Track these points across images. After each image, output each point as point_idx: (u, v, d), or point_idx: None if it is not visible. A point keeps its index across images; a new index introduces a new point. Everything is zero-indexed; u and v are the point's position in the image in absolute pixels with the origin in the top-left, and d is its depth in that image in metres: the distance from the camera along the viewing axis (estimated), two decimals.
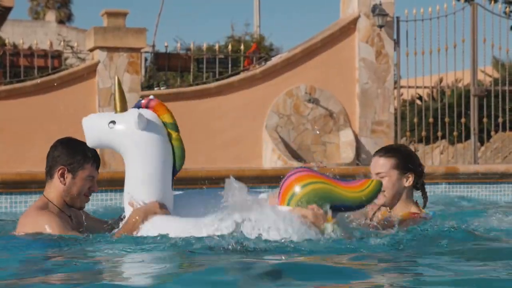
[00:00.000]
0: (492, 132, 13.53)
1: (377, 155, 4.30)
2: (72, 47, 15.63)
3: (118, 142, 4.04)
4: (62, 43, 13.38)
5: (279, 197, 4.00)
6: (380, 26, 12.07)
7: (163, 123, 4.05)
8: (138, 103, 4.11)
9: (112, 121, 4.03)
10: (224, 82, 11.99)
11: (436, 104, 13.73)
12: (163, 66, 13.24)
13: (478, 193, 9.44)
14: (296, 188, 3.91)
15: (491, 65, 15.00)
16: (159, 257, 3.70)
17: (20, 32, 26.59)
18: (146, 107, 4.07)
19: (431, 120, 12.45)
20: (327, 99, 12.15)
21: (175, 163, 4.07)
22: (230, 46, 13.53)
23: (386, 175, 4.19)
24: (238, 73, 12.72)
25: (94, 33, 11.56)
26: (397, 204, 4.22)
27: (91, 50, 11.94)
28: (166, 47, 12.98)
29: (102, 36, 11.53)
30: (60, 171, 4.11)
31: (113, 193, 8.21)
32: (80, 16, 67.36)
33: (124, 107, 4.10)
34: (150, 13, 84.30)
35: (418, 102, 16.93)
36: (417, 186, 4.29)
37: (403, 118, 16.08)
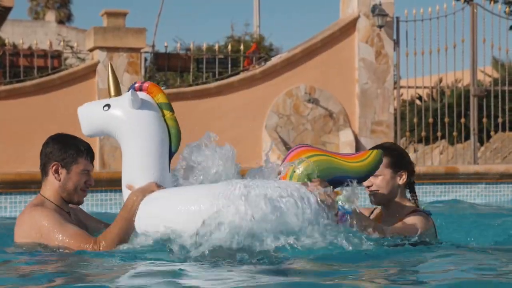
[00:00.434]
0: (492, 132, 13.53)
1: None
2: (72, 47, 15.62)
3: (113, 125, 3.98)
4: (62, 43, 13.37)
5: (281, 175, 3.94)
6: (380, 26, 12.08)
7: (158, 104, 4.02)
8: (132, 86, 4.08)
9: (107, 104, 4.00)
10: (224, 82, 11.99)
11: (435, 104, 13.73)
12: (162, 66, 13.23)
13: (477, 193, 9.44)
14: (297, 162, 3.86)
15: (491, 65, 15.00)
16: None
17: (20, 32, 26.58)
18: (140, 89, 4.04)
19: (430, 120, 12.45)
20: (327, 99, 12.15)
21: (171, 144, 4.01)
22: (230, 46, 13.52)
23: (380, 174, 4.13)
24: (238, 73, 12.72)
25: (94, 33, 11.56)
26: (392, 203, 4.19)
27: (91, 50, 11.94)
28: (166, 47, 12.99)
29: (102, 36, 11.54)
30: (53, 167, 4.05)
31: (112, 193, 8.21)
32: (80, 16, 67.47)
33: (118, 92, 4.08)
34: (149, 13, 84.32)
35: (418, 102, 16.94)
36: (408, 184, 4.25)
37: (403, 118, 16.08)
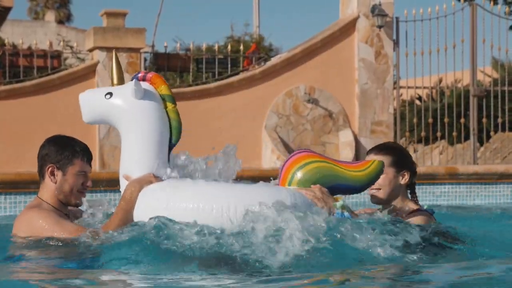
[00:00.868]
0: (492, 133, 13.54)
1: (372, 153, 4.20)
2: (71, 47, 15.61)
3: (114, 114, 3.95)
4: (62, 43, 13.36)
5: (279, 180, 3.93)
6: (380, 27, 12.08)
7: (160, 95, 4.00)
8: (135, 76, 4.06)
9: (109, 92, 3.97)
10: (223, 82, 11.99)
11: (435, 105, 13.73)
12: (162, 66, 13.22)
13: (477, 193, 9.44)
14: (297, 168, 3.84)
15: (491, 65, 15.00)
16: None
17: (20, 32, 26.57)
18: (143, 79, 4.02)
19: (430, 120, 12.45)
20: (327, 99, 12.15)
21: (171, 136, 3.99)
22: (229, 46, 13.52)
23: (383, 172, 4.10)
24: (238, 73, 12.72)
25: (93, 33, 11.56)
26: (394, 203, 4.15)
27: (91, 50, 11.94)
28: (166, 47, 12.98)
29: (101, 36, 11.54)
30: (49, 169, 4.00)
31: (112, 193, 8.19)
32: (80, 16, 67.51)
33: (121, 81, 4.05)
34: (149, 13, 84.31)
35: (418, 102, 16.93)
36: (409, 184, 4.23)
37: (403, 119, 16.07)
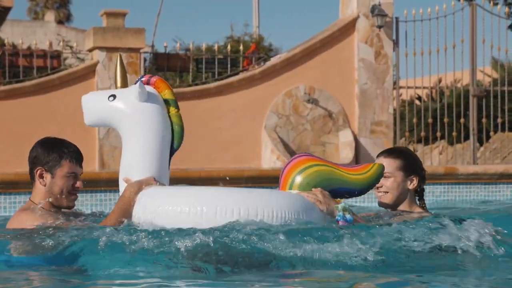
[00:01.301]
0: (491, 133, 13.54)
1: (382, 156, 4.21)
2: (71, 47, 15.61)
3: (117, 117, 3.94)
4: (62, 43, 13.36)
5: (280, 184, 3.91)
6: (379, 27, 12.08)
7: (164, 99, 3.99)
8: (139, 80, 4.05)
9: (113, 95, 3.97)
10: (223, 82, 11.99)
11: (435, 105, 13.74)
12: (162, 66, 13.22)
13: (477, 193, 9.44)
14: (298, 171, 3.83)
15: (490, 65, 15.00)
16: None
17: (19, 32, 26.56)
18: (147, 83, 4.02)
19: (430, 120, 12.45)
20: (326, 99, 12.15)
21: (173, 141, 3.97)
22: (229, 46, 13.53)
23: (391, 176, 4.12)
24: (237, 73, 12.71)
25: (93, 33, 11.56)
26: (400, 207, 4.16)
27: (90, 50, 11.94)
28: (165, 47, 12.98)
29: (101, 36, 11.54)
30: (38, 172, 3.94)
31: (112, 193, 8.19)
32: (79, 16, 67.55)
33: (125, 84, 4.04)
34: (149, 13, 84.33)
35: (417, 102, 16.93)
36: (418, 190, 4.23)
37: (402, 119, 16.07)
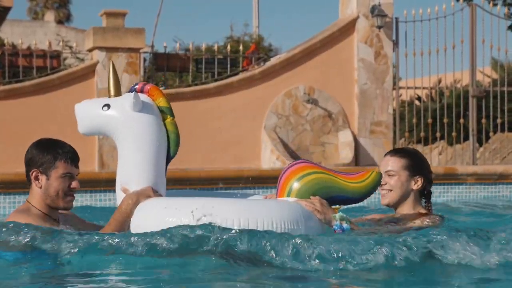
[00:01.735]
0: (491, 133, 13.54)
1: (389, 154, 4.27)
2: (71, 47, 15.61)
3: (112, 126, 3.92)
4: (61, 43, 13.35)
5: (277, 190, 3.90)
6: (379, 27, 12.08)
7: (158, 107, 3.97)
8: (133, 88, 4.03)
9: (106, 104, 3.93)
10: (223, 82, 11.99)
11: (435, 105, 13.73)
12: (162, 67, 13.21)
13: (476, 194, 9.43)
14: (296, 179, 3.84)
15: (490, 66, 15.01)
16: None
17: (19, 32, 26.57)
18: (141, 91, 3.99)
19: (430, 120, 12.45)
20: (326, 99, 12.15)
21: (169, 148, 3.96)
22: (229, 47, 13.53)
23: (395, 174, 4.15)
24: (237, 73, 12.71)
25: (93, 33, 11.56)
26: (403, 206, 4.18)
27: (90, 50, 11.94)
28: (165, 47, 12.98)
29: (101, 36, 11.54)
30: (33, 174, 3.90)
31: (111, 193, 8.18)
32: (79, 16, 67.44)
33: (118, 92, 4.01)
34: (149, 13, 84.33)
35: (417, 102, 16.93)
36: (424, 192, 4.24)
37: (402, 119, 16.08)
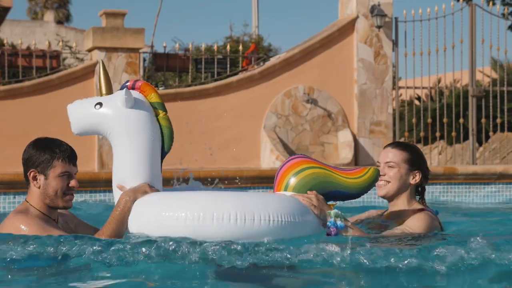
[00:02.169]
0: (491, 133, 13.54)
1: (389, 147, 4.25)
2: (70, 47, 15.62)
3: (105, 125, 3.91)
4: (61, 43, 13.35)
5: (275, 185, 3.90)
6: (379, 27, 12.08)
7: (150, 103, 3.97)
8: (124, 85, 4.02)
9: (99, 103, 3.93)
10: (222, 82, 11.99)
11: (434, 105, 13.73)
12: (161, 67, 13.21)
13: (476, 193, 9.44)
14: (293, 173, 3.84)
15: (490, 65, 15.00)
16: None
17: (19, 32, 26.56)
18: (133, 88, 3.99)
19: (429, 120, 12.46)
20: (326, 99, 12.15)
21: (164, 143, 3.96)
22: (228, 47, 13.53)
23: (396, 166, 4.14)
24: (237, 73, 12.71)
25: (92, 33, 11.56)
26: (399, 199, 4.17)
27: (90, 50, 11.94)
28: (165, 47, 12.97)
29: (100, 36, 11.54)
30: (31, 175, 3.86)
31: (111, 193, 8.17)
32: (79, 16, 67.51)
33: (109, 90, 4.02)
34: (148, 13, 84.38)
35: (417, 102, 16.93)
36: (419, 188, 4.25)
37: (402, 119, 16.07)
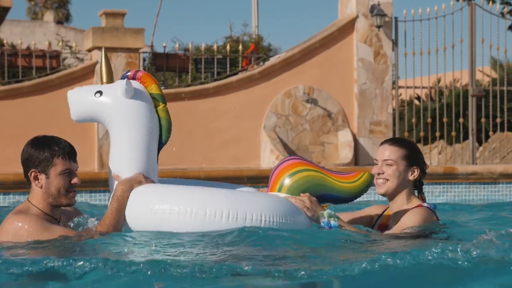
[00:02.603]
0: (490, 133, 13.54)
1: (386, 144, 4.18)
2: (70, 47, 15.61)
3: (104, 113, 3.93)
4: (61, 43, 13.34)
5: (269, 185, 3.91)
6: (379, 27, 12.07)
7: (150, 94, 3.98)
8: (125, 75, 4.03)
9: (99, 91, 3.94)
10: (222, 82, 11.98)
11: (434, 105, 13.73)
12: (161, 67, 13.21)
13: (476, 193, 9.44)
14: (287, 175, 3.84)
15: (489, 65, 15.00)
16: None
17: (19, 32, 26.56)
18: (133, 78, 4.00)
19: (429, 120, 12.46)
20: (325, 99, 12.15)
21: (161, 135, 3.97)
22: (228, 47, 13.53)
23: (394, 164, 4.10)
24: (237, 73, 12.71)
25: (92, 33, 11.56)
26: (398, 196, 4.14)
27: (89, 50, 11.93)
28: (165, 47, 12.96)
29: (100, 36, 11.53)
30: (32, 175, 3.82)
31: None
32: (79, 16, 67.48)
33: (110, 79, 4.03)
34: (148, 13, 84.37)
35: (417, 102, 16.94)
36: (417, 183, 4.22)
37: (402, 119, 16.08)
